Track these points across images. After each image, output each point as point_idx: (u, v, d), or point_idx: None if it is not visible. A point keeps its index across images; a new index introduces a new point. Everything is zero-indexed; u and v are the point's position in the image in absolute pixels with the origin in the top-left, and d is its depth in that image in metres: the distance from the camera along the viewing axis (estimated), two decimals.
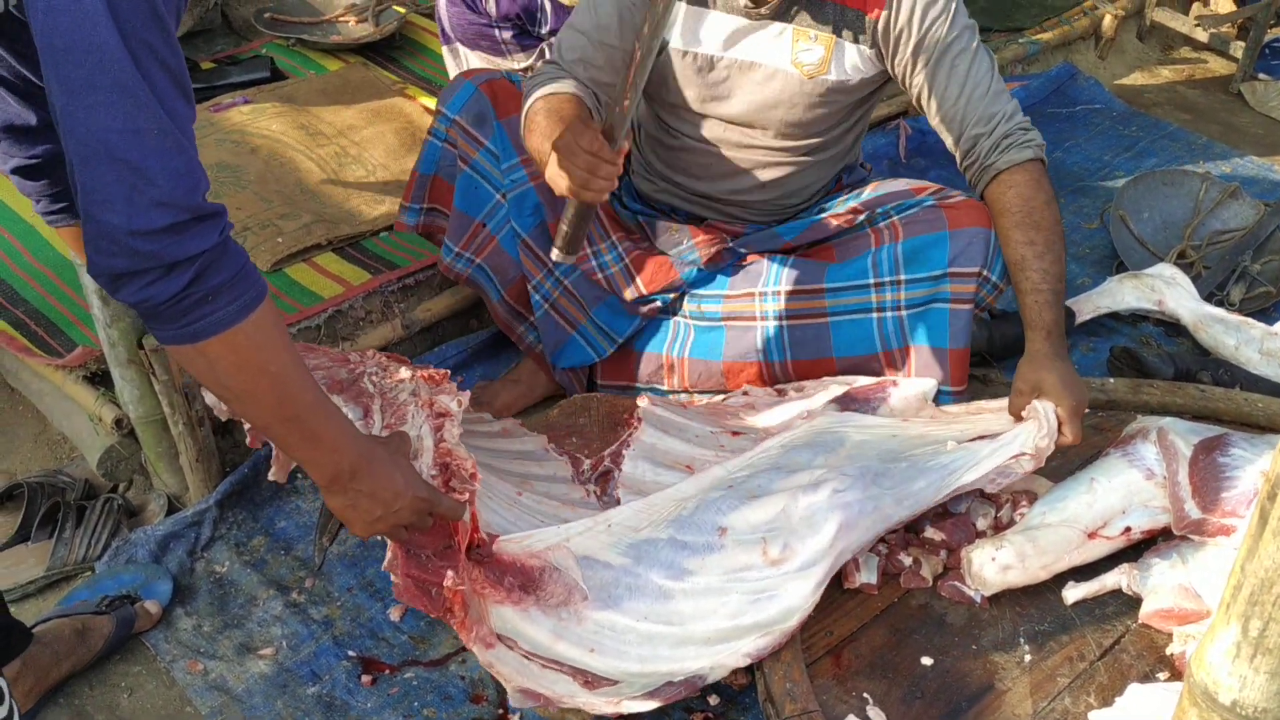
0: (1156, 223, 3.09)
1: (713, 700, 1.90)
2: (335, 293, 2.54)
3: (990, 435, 1.98)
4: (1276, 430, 2.19)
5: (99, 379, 2.30)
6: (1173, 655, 1.80)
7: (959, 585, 1.90)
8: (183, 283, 1.29)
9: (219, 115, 3.09)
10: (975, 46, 2.09)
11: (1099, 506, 1.92)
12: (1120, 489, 1.93)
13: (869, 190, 2.33)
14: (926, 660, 1.81)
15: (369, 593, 2.11)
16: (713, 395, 2.31)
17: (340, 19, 3.63)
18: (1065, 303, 2.06)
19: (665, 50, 2.17)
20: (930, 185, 2.28)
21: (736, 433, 2.16)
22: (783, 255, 2.28)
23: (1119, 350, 2.61)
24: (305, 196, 2.84)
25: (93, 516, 2.20)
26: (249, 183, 2.84)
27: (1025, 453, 1.91)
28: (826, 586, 1.82)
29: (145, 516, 2.26)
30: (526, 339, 2.43)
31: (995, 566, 1.86)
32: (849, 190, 2.37)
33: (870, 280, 2.17)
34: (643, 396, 2.25)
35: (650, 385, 2.36)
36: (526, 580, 1.77)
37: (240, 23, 3.66)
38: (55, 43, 1.18)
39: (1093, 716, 1.70)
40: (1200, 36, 4.24)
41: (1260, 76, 4.11)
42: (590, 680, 1.75)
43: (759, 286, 2.25)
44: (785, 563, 1.79)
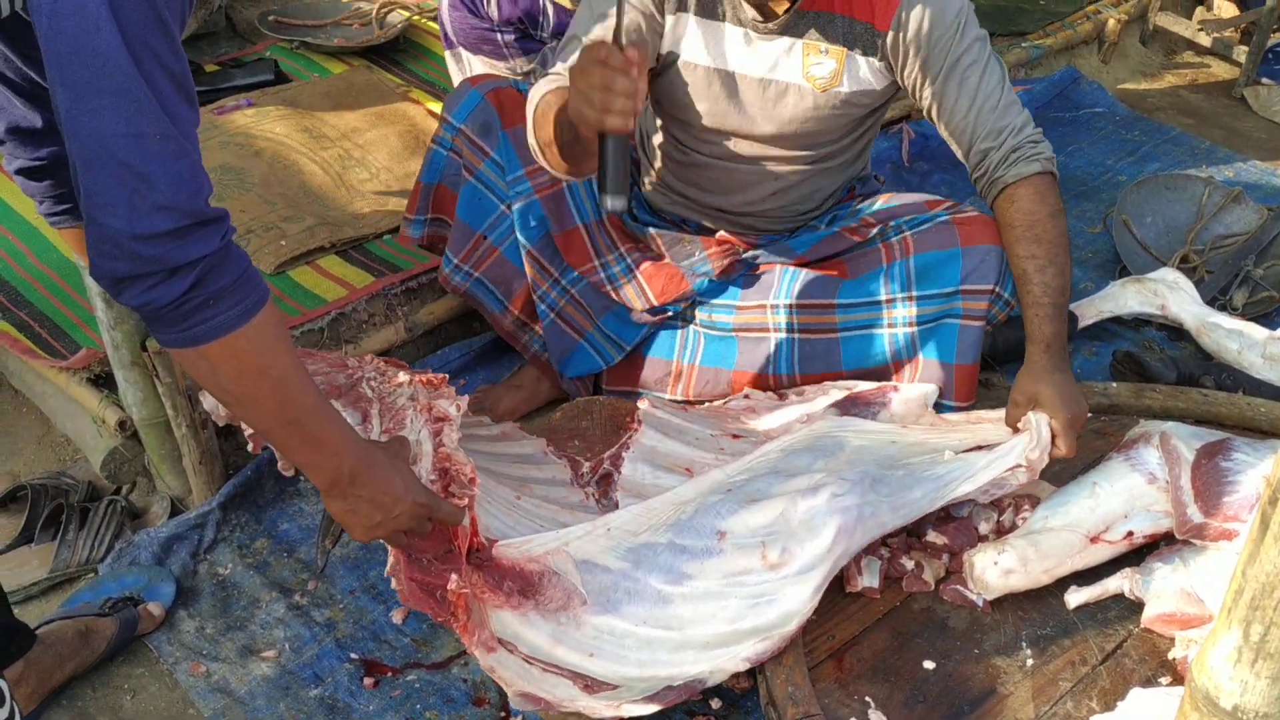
0: (1159, 227, 3.08)
1: (714, 704, 1.90)
2: (338, 295, 2.54)
3: (988, 446, 1.99)
4: (1279, 435, 2.19)
5: (103, 381, 2.30)
6: (1175, 660, 1.80)
7: (961, 589, 1.90)
8: (184, 287, 1.29)
9: (223, 118, 3.10)
10: (987, 58, 2.07)
11: (1101, 511, 1.92)
12: (1122, 493, 1.93)
13: (881, 202, 2.32)
14: (929, 664, 1.81)
15: (371, 595, 2.11)
16: (711, 402, 2.31)
17: (344, 22, 3.64)
18: (1068, 307, 2.06)
19: (675, 64, 2.17)
20: (943, 200, 2.28)
21: (736, 435, 2.16)
22: (794, 268, 2.27)
23: (1121, 354, 2.61)
24: (309, 199, 2.84)
25: (96, 518, 2.21)
26: (252, 185, 2.84)
27: (1020, 465, 1.91)
28: (828, 590, 1.82)
29: (148, 518, 2.26)
30: (532, 348, 2.42)
31: (997, 570, 1.86)
32: (861, 200, 2.37)
33: (882, 297, 2.17)
34: (643, 399, 2.25)
35: (653, 392, 2.36)
36: (526, 585, 1.77)
37: (244, 25, 3.67)
38: (59, 46, 1.18)
39: None
40: (1203, 41, 4.24)
41: (1263, 81, 4.11)
42: (590, 684, 1.74)
43: (770, 299, 2.25)
44: (784, 567, 1.79)
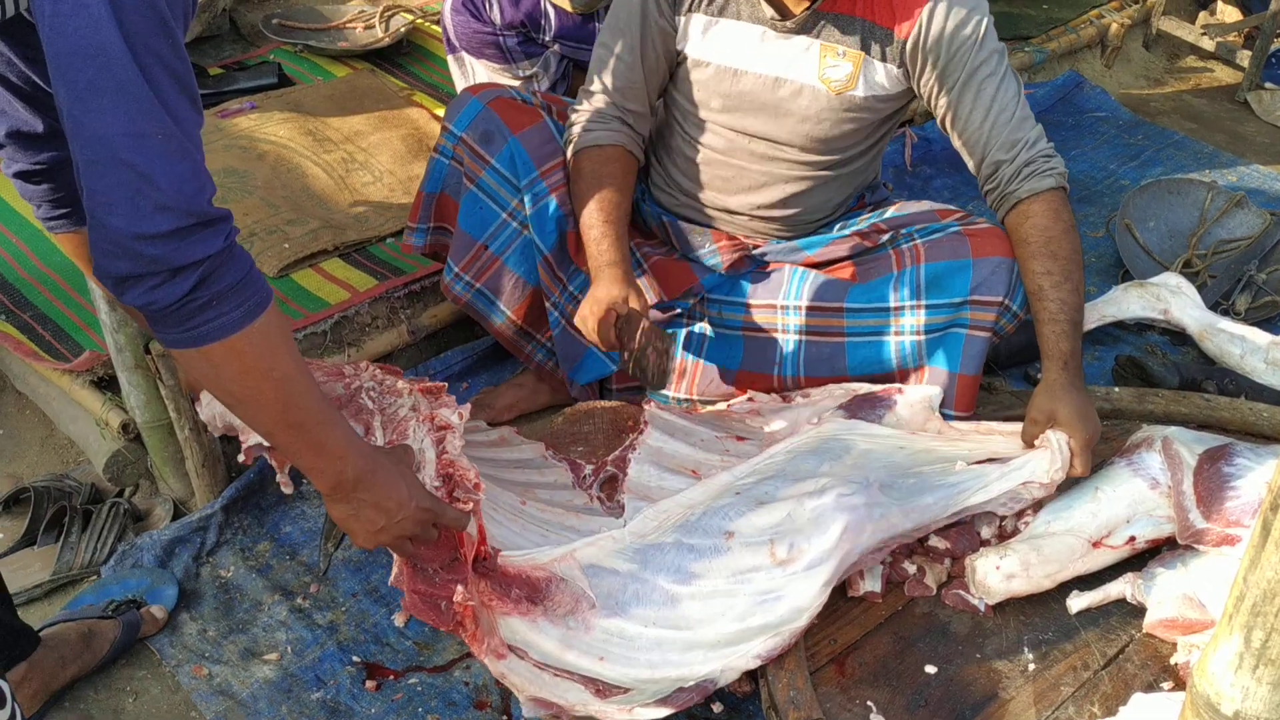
0: (1162, 231, 3.09)
1: (717, 708, 1.90)
2: (341, 299, 2.55)
3: (1000, 458, 1.99)
4: None
5: (106, 384, 2.31)
6: (1177, 665, 1.80)
7: (963, 594, 1.90)
8: (187, 287, 1.28)
9: (226, 121, 3.10)
10: (1004, 71, 2.07)
11: (1103, 515, 1.92)
12: (1125, 498, 1.93)
13: (892, 210, 2.32)
14: (930, 668, 1.81)
15: (374, 598, 2.12)
16: (713, 404, 2.30)
17: (348, 25, 3.65)
18: None
19: (686, 60, 2.17)
20: (955, 210, 2.28)
21: (741, 438, 2.16)
22: (804, 268, 2.27)
23: (1124, 359, 2.61)
24: (312, 202, 2.85)
25: (99, 521, 2.21)
26: (256, 188, 2.85)
27: (1036, 481, 1.91)
28: (831, 594, 1.82)
29: (151, 521, 2.27)
30: (535, 357, 2.42)
31: (999, 575, 1.86)
32: (872, 209, 2.37)
33: (890, 304, 2.17)
34: (648, 402, 2.25)
35: (657, 390, 2.35)
36: (533, 591, 1.76)
37: (248, 29, 3.67)
38: (61, 46, 1.19)
39: None
40: (1206, 45, 4.24)
41: (1266, 85, 4.11)
42: (602, 688, 1.74)
43: (780, 299, 2.24)
44: (792, 563, 1.79)
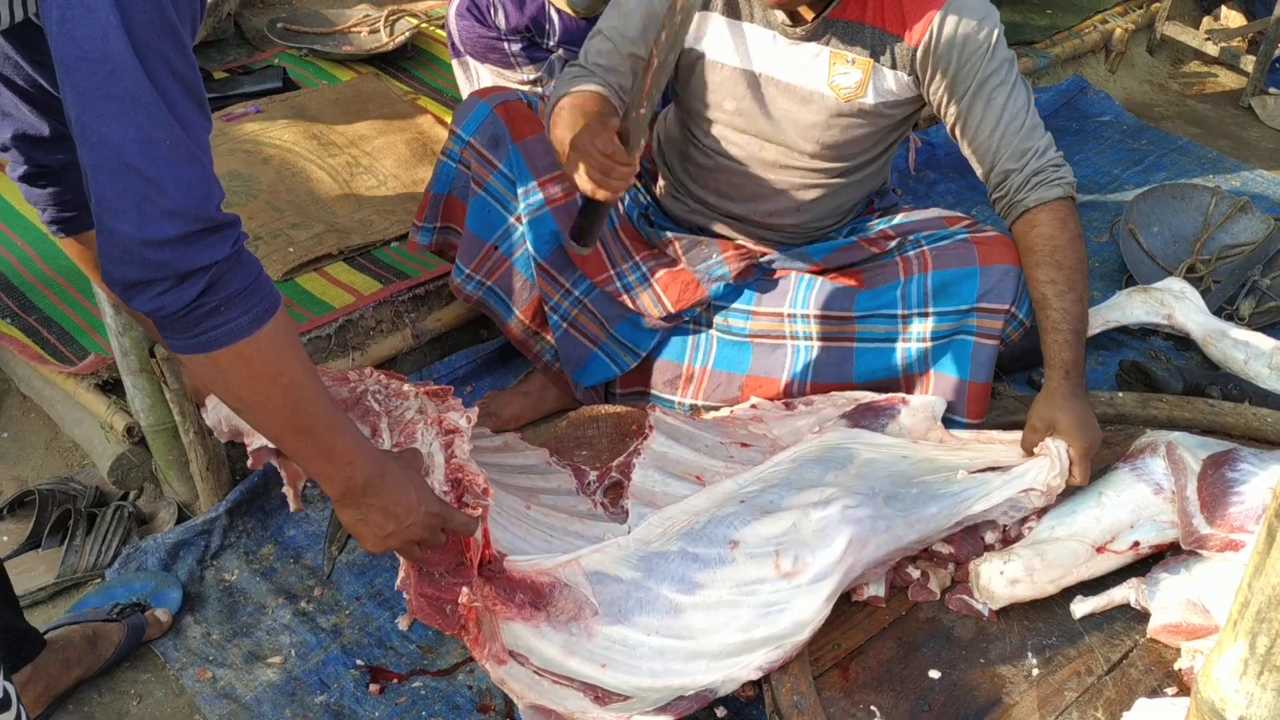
0: (1166, 237, 3.09)
1: (720, 713, 1.89)
2: (346, 302, 2.55)
3: (1001, 467, 1.99)
4: None
5: (111, 387, 2.31)
6: (1181, 670, 1.80)
7: (967, 599, 1.90)
8: (195, 293, 1.28)
9: (231, 125, 3.11)
10: (1014, 80, 2.08)
11: (1107, 521, 1.92)
12: (1129, 503, 1.93)
13: (900, 216, 2.33)
14: (934, 673, 1.81)
15: (377, 602, 2.12)
16: (718, 409, 2.31)
17: (353, 30, 3.65)
18: None
19: (702, 61, 2.17)
20: (962, 217, 2.28)
21: (745, 444, 2.16)
22: (811, 275, 2.27)
23: (1128, 364, 2.61)
24: (317, 206, 2.85)
25: (103, 524, 2.21)
26: (261, 192, 2.85)
27: (1036, 488, 1.92)
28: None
29: (155, 524, 2.27)
30: (544, 357, 2.42)
31: (1003, 580, 1.86)
32: (880, 215, 2.38)
33: (899, 311, 2.17)
34: (653, 406, 2.25)
35: (664, 395, 2.36)
36: (537, 596, 1.76)
37: (253, 33, 3.68)
38: (69, 51, 1.19)
39: None
40: (1210, 50, 4.24)
41: (1270, 91, 4.11)
42: (601, 695, 1.74)
43: (787, 307, 2.25)
44: (797, 575, 1.79)
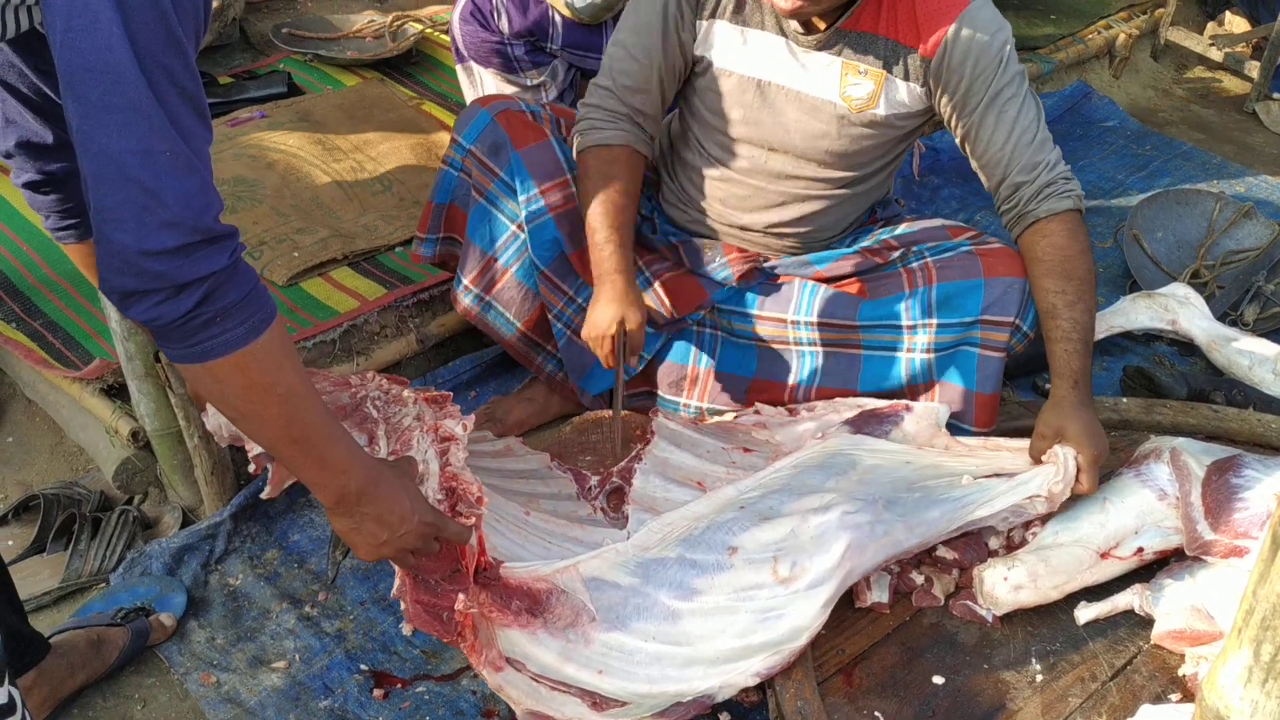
0: (1170, 242, 3.08)
1: (723, 718, 1.90)
2: (350, 307, 2.55)
3: (1006, 474, 1.99)
4: None
5: (115, 392, 2.31)
6: (1185, 676, 1.80)
7: (971, 604, 1.90)
8: (191, 303, 1.29)
9: (236, 130, 3.11)
10: (1025, 93, 2.08)
11: (1111, 526, 1.92)
12: (1133, 509, 1.93)
13: (903, 226, 2.33)
14: (938, 679, 1.81)
15: (381, 606, 2.12)
16: (722, 414, 2.31)
17: (357, 35, 3.66)
18: None
19: (710, 69, 2.18)
20: (966, 228, 2.29)
21: (748, 450, 2.16)
22: (814, 282, 2.27)
23: (1132, 370, 2.61)
24: (321, 211, 2.86)
25: (108, 528, 2.21)
26: (265, 197, 2.86)
27: (1040, 495, 1.91)
28: (838, 604, 1.82)
29: (160, 529, 2.27)
30: (545, 368, 2.42)
31: (1007, 586, 1.86)
32: (883, 225, 2.38)
33: (903, 322, 2.18)
34: (656, 411, 2.25)
35: (668, 397, 2.36)
36: (534, 603, 1.77)
37: (258, 38, 3.69)
38: (73, 62, 1.19)
39: None
40: (1215, 56, 4.24)
41: (1275, 96, 4.10)
42: (599, 702, 1.74)
43: (790, 314, 2.25)
44: (795, 581, 1.79)
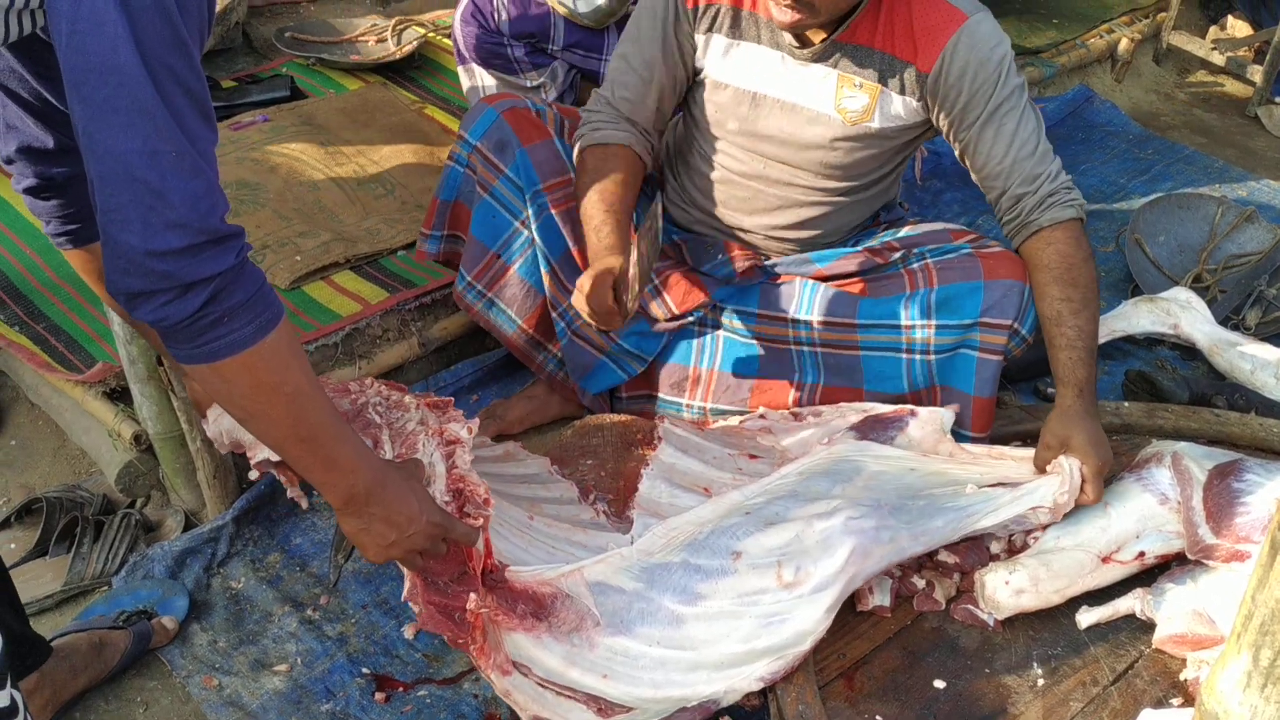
0: (1172, 246, 3.08)
1: None
2: (353, 311, 2.56)
3: (1010, 483, 1.99)
4: None
5: (118, 395, 2.32)
6: (1186, 681, 1.80)
7: (972, 608, 1.90)
8: (198, 303, 1.29)
9: (239, 133, 3.12)
10: (1024, 106, 2.08)
11: (1113, 531, 1.92)
12: (1134, 513, 1.93)
13: (906, 228, 2.33)
14: (939, 683, 1.81)
15: (383, 610, 2.12)
16: (727, 415, 2.31)
17: (360, 39, 3.67)
18: None
19: (705, 81, 2.19)
20: (967, 231, 2.29)
21: (754, 456, 2.16)
22: (814, 281, 2.28)
23: (1134, 374, 2.61)
24: (323, 215, 2.86)
25: (110, 532, 2.22)
26: (268, 201, 2.86)
27: (1045, 506, 1.92)
28: (840, 608, 1.82)
29: (162, 532, 2.27)
30: (547, 367, 2.42)
31: (1008, 590, 1.86)
32: (885, 227, 2.38)
33: (901, 322, 2.18)
34: (661, 416, 2.25)
35: (670, 398, 2.36)
36: (539, 607, 1.77)
37: (261, 42, 3.69)
38: (78, 64, 1.19)
39: None
40: (1217, 60, 4.24)
41: (1277, 100, 4.10)
42: (604, 707, 1.75)
43: (791, 312, 2.25)
44: (799, 586, 1.79)
